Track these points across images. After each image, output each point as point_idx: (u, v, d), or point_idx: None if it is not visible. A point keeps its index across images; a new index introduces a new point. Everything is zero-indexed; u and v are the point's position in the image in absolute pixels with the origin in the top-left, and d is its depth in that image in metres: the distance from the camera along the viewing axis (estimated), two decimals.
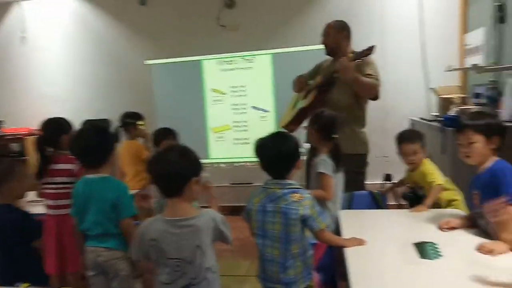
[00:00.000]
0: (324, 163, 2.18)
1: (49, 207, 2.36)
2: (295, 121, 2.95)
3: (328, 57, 2.97)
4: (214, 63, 4.55)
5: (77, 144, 1.94)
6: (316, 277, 1.77)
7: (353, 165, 2.63)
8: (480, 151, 1.70)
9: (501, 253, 1.49)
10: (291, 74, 4.26)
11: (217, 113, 4.61)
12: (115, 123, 3.36)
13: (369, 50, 2.58)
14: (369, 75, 2.67)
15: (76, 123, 2.82)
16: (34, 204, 2.57)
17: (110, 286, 1.91)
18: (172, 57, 4.61)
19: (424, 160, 2.27)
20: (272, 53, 4.40)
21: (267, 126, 4.41)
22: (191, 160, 1.52)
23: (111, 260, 1.88)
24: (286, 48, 4.35)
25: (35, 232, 2.05)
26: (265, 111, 4.49)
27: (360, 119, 2.85)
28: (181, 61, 4.60)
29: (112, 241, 1.89)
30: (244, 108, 4.55)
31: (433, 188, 2.15)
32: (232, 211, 4.32)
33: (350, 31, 2.89)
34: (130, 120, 3.31)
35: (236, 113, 4.57)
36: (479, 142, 1.69)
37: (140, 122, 3.31)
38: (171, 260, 1.46)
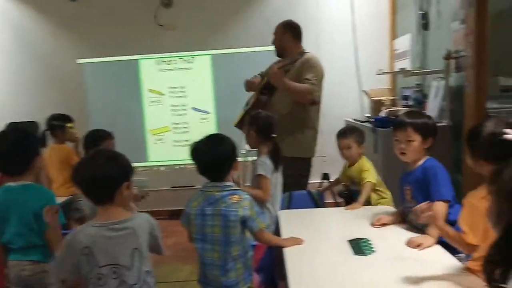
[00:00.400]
0: (263, 165, 2.20)
1: None
2: (242, 122, 2.91)
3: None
4: (152, 63, 4.42)
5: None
6: (256, 278, 1.77)
7: (296, 169, 2.65)
8: (416, 149, 1.78)
9: (428, 247, 1.58)
10: (231, 76, 4.28)
11: (155, 115, 4.48)
12: (43, 126, 3.14)
13: (291, 62, 2.65)
14: (306, 79, 2.67)
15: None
16: None
17: None
18: (107, 56, 4.40)
19: (362, 157, 2.36)
20: (211, 54, 4.36)
21: (208, 127, 4.36)
22: (120, 164, 1.44)
23: (38, 274, 1.75)
24: (226, 50, 4.33)
25: None
26: (206, 112, 4.44)
27: (304, 123, 2.81)
28: (117, 60, 4.41)
29: (37, 254, 1.76)
30: (184, 110, 4.46)
31: (365, 185, 2.25)
32: (172, 215, 4.24)
33: (297, 31, 2.87)
34: (58, 122, 3.09)
35: (176, 115, 4.47)
36: (416, 141, 1.77)
37: (69, 125, 3.10)
38: (106, 267, 1.37)
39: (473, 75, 2.58)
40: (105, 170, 1.38)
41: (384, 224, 1.87)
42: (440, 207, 1.64)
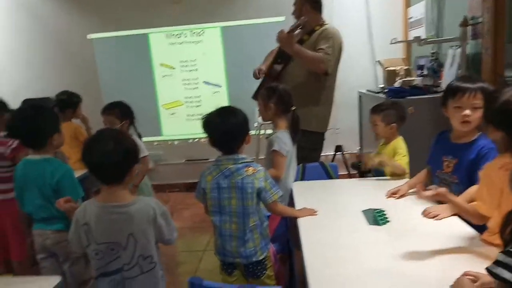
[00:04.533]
0: (279, 141, 2.14)
1: None
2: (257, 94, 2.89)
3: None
4: (161, 37, 4.39)
5: (17, 125, 1.82)
6: (271, 247, 1.81)
7: (308, 142, 2.61)
8: (479, 118, 1.58)
9: (445, 217, 1.56)
10: (242, 48, 4.24)
11: (167, 89, 4.49)
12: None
13: (298, 24, 2.59)
14: (320, 49, 2.63)
15: (13, 103, 2.64)
16: None
17: (62, 268, 1.86)
18: (117, 31, 4.39)
19: (397, 137, 2.25)
20: (221, 26, 4.31)
21: (220, 101, 4.36)
22: (128, 148, 1.41)
23: (61, 243, 1.82)
24: (236, 21, 4.27)
25: None
26: (217, 86, 4.43)
27: (318, 95, 2.77)
28: (127, 35, 4.39)
29: (59, 224, 1.82)
30: (196, 83, 4.45)
31: (400, 165, 2.14)
32: (188, 188, 4.32)
33: (316, 3, 2.81)
34: (70, 99, 3.11)
35: (188, 89, 4.47)
36: (481, 108, 1.55)
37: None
38: (103, 244, 1.41)
39: (490, 42, 2.50)
40: (114, 156, 1.37)
41: (402, 196, 1.86)
42: None
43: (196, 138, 4.48)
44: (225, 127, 1.67)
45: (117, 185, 1.42)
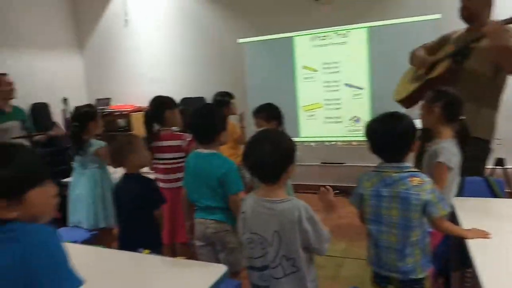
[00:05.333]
0: (446, 151, 1.91)
1: (161, 181, 2.52)
2: (415, 96, 2.61)
3: (457, 28, 2.63)
4: (306, 40, 4.45)
5: (194, 122, 2.02)
6: (430, 266, 1.67)
7: (472, 151, 2.26)
8: None
9: None
10: (389, 49, 4.04)
11: (308, 91, 4.53)
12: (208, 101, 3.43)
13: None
14: None
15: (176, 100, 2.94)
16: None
17: (217, 257, 2.00)
18: (264, 35, 4.60)
19: None
20: (368, 27, 4.16)
21: (361, 104, 4.24)
22: (285, 149, 1.45)
23: (220, 233, 1.96)
24: (384, 21, 4.08)
25: (158, 201, 2.13)
26: (359, 88, 4.30)
27: (491, 99, 2.49)
28: (273, 39, 4.57)
29: (220, 214, 1.95)
30: (337, 86, 4.40)
31: None
32: None
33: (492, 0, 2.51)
34: (223, 98, 3.34)
35: (328, 91, 4.44)
36: None
37: (232, 101, 3.34)
38: (256, 235, 1.47)
39: None
40: (271, 157, 1.41)
41: None
42: None
43: (333, 141, 4.43)
44: (387, 134, 1.59)
45: (273, 183, 1.47)
